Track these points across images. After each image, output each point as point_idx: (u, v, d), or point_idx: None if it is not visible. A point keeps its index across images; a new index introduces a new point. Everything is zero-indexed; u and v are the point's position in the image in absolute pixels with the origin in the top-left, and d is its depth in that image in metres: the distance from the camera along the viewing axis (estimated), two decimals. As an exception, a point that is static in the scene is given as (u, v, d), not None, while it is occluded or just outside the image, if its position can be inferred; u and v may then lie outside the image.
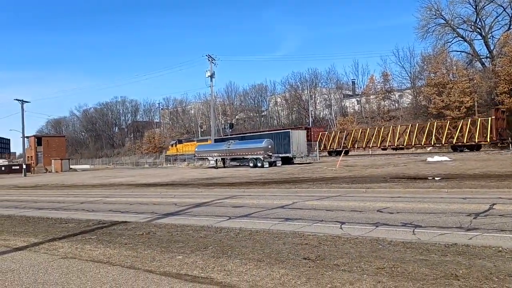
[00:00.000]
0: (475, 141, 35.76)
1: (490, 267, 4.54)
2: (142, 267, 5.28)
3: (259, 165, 33.64)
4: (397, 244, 5.83)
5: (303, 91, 74.16)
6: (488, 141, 35.25)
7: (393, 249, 5.57)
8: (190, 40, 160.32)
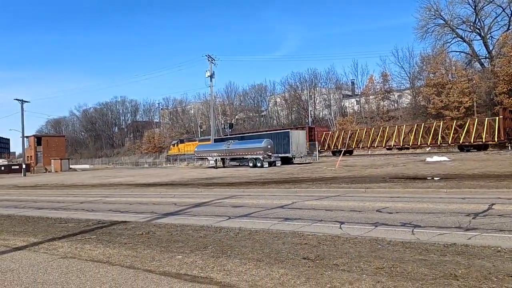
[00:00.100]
0: (483, 141, 35.47)
1: (489, 267, 4.55)
2: (142, 267, 5.28)
3: (259, 165, 33.68)
4: (396, 244, 5.84)
5: (303, 91, 74.27)
6: (496, 140, 34.86)
7: (392, 249, 5.58)
8: (190, 40, 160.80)
